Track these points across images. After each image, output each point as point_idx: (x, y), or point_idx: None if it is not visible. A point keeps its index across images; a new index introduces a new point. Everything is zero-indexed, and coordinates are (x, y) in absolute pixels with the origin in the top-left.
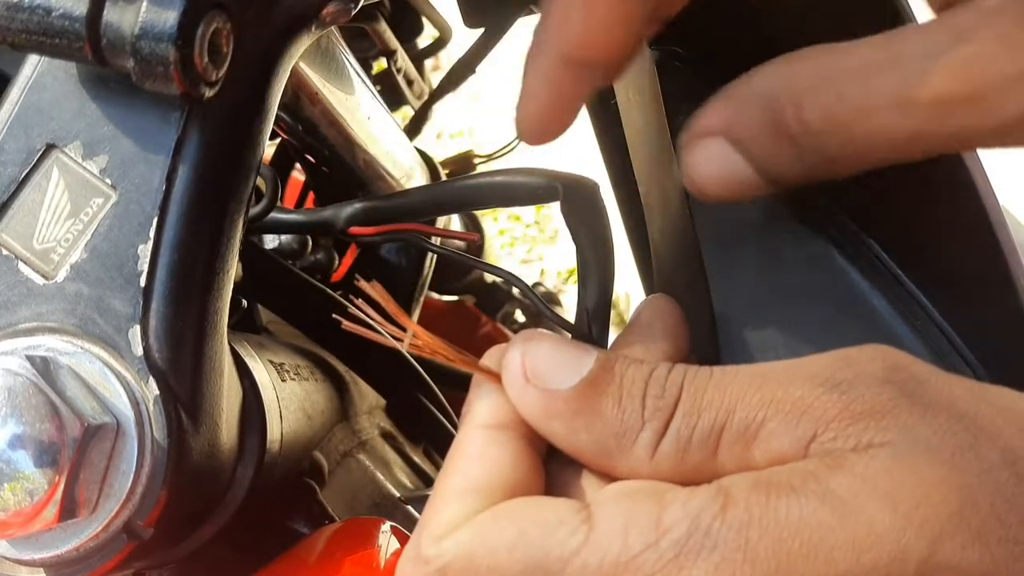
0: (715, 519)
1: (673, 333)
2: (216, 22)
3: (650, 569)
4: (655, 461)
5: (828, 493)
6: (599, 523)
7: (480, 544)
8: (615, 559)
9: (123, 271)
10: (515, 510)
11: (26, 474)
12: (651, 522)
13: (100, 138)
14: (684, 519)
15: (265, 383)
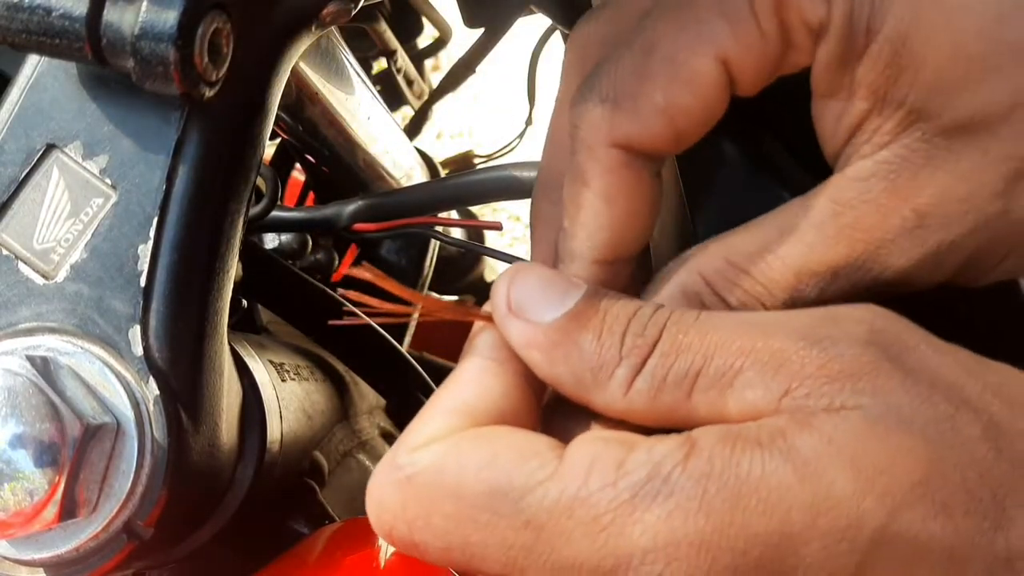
0: (676, 467)
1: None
2: (216, 22)
3: (603, 508)
4: (628, 398)
5: (792, 451)
6: (566, 460)
7: (452, 459)
8: (572, 495)
9: (123, 271)
10: (494, 435)
11: (26, 474)
12: (614, 464)
13: (100, 138)
14: (646, 464)
15: (265, 383)
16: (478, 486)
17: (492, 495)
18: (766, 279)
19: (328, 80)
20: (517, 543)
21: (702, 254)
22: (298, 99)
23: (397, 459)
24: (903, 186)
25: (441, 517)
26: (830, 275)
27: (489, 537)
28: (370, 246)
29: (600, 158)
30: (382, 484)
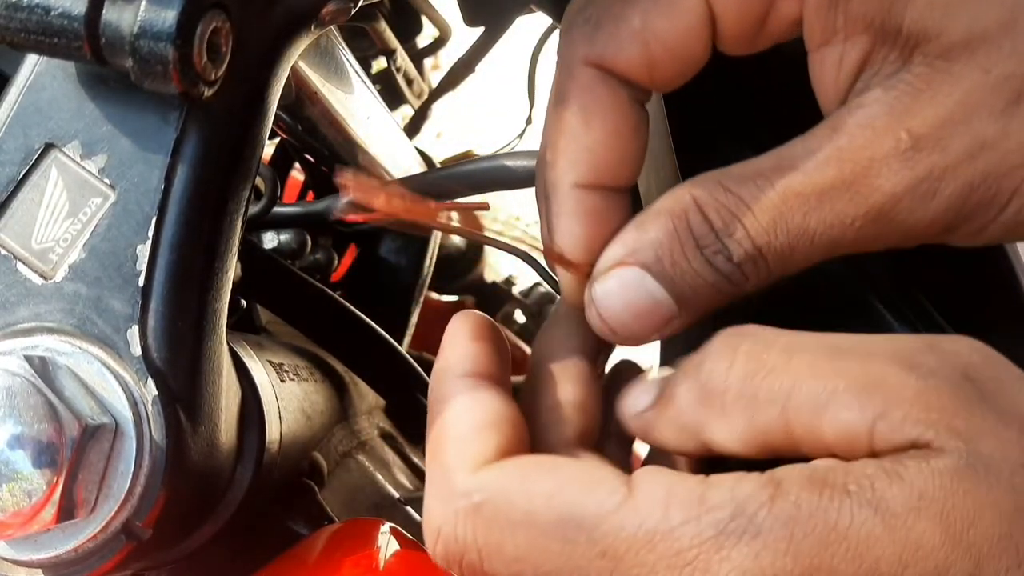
0: (762, 507)
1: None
2: (215, 21)
3: (687, 543)
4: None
5: (882, 504)
6: (639, 490)
7: (519, 486)
8: (653, 527)
9: (121, 271)
10: (556, 462)
11: (24, 474)
12: (694, 499)
13: (99, 137)
14: (730, 502)
15: (264, 383)
16: (550, 514)
17: (565, 523)
18: (751, 199)
19: (327, 79)
20: (592, 572)
21: (699, 177)
22: (297, 98)
23: (458, 485)
24: (901, 110)
25: (513, 546)
26: (815, 198)
27: (564, 566)
28: (369, 245)
29: (576, 76)
30: (446, 513)
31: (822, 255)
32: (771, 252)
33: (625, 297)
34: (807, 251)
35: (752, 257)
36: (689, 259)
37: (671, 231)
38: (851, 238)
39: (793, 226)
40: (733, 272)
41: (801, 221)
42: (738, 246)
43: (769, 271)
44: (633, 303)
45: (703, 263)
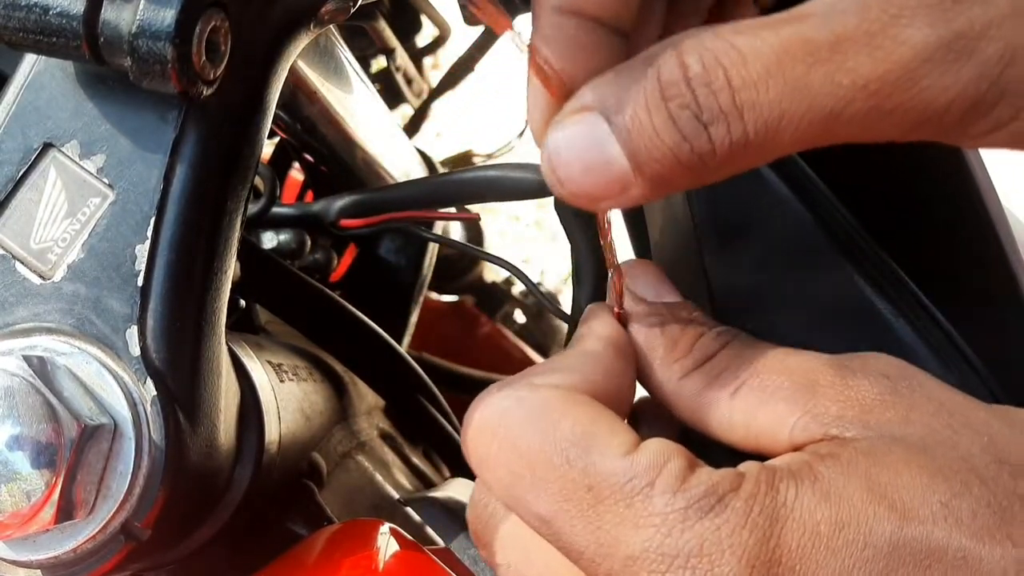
0: (729, 491)
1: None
2: (214, 20)
3: (659, 509)
4: (680, 383)
5: (818, 478)
6: (643, 453)
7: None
8: (636, 486)
9: (120, 271)
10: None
11: (23, 475)
12: (678, 475)
13: (97, 137)
14: (705, 483)
15: (263, 384)
16: (569, 435)
17: (574, 447)
18: (746, 45)
19: (327, 79)
20: (575, 497)
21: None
22: (296, 98)
23: (516, 384)
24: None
25: (527, 442)
26: (826, 48)
27: (555, 478)
28: (369, 245)
29: None
30: (495, 395)
31: (810, 134)
32: (753, 113)
33: (578, 147)
34: (797, 122)
35: (727, 115)
36: (651, 112)
37: (639, 78)
38: (855, 111)
39: (790, 80)
40: (697, 134)
41: (802, 74)
42: (712, 98)
43: (745, 141)
44: (585, 154)
45: (664, 119)
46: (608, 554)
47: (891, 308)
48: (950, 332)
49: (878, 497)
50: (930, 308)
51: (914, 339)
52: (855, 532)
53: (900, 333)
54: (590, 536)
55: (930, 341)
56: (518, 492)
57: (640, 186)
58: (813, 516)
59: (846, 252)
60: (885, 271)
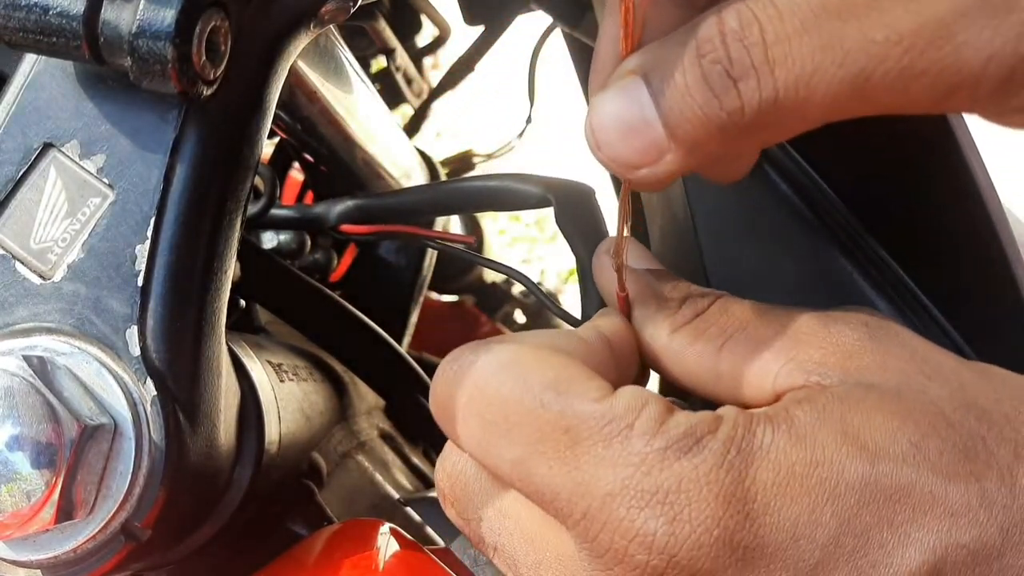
0: (707, 433)
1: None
2: (214, 20)
3: (638, 449)
4: (671, 336)
5: (794, 423)
6: (620, 396)
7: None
8: (615, 428)
9: (120, 271)
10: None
11: (23, 475)
12: (656, 418)
13: (97, 137)
14: (683, 425)
15: (263, 383)
16: (546, 378)
17: (549, 390)
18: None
19: (327, 79)
20: (551, 439)
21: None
22: (296, 98)
23: (486, 341)
24: None
25: (496, 390)
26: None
27: (530, 424)
28: (369, 245)
29: None
30: (464, 350)
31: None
32: (784, 69)
33: (618, 110)
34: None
35: (757, 70)
36: (686, 71)
37: (682, 42)
38: (887, 70)
39: (825, 34)
40: (726, 90)
41: (837, 29)
42: (744, 53)
43: (775, 99)
44: (623, 118)
45: (697, 77)
46: (585, 492)
47: (890, 307)
48: (948, 330)
49: (850, 439)
50: (929, 307)
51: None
52: (827, 471)
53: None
54: (566, 476)
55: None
56: (490, 439)
57: (675, 152)
58: (788, 457)
59: (846, 251)
60: (885, 271)
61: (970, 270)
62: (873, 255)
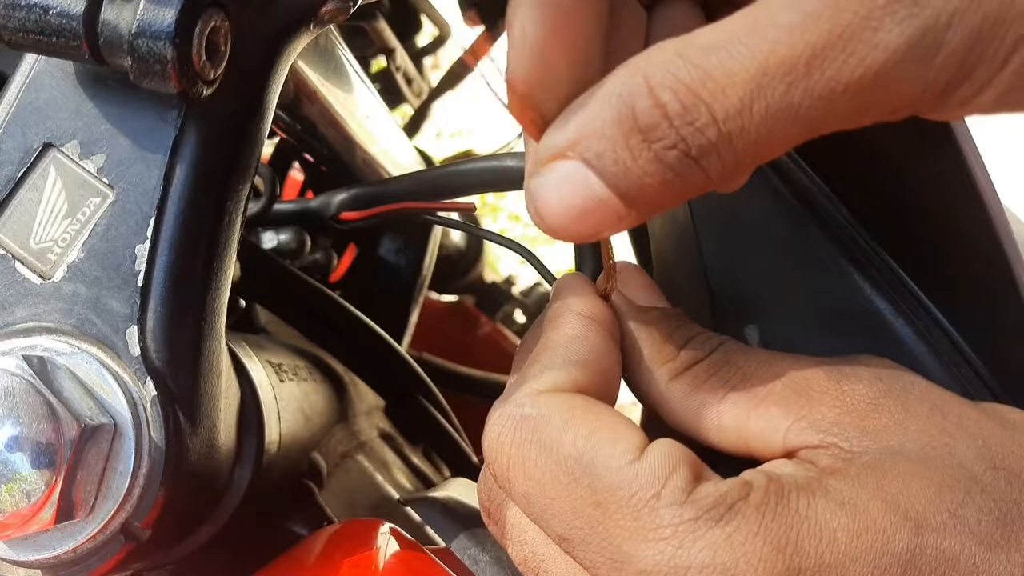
0: (739, 500)
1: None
2: (214, 20)
3: (668, 521)
4: (670, 385)
5: (830, 490)
6: (647, 460)
7: (561, 417)
8: (643, 499)
9: (120, 271)
10: (600, 410)
11: (23, 475)
12: (684, 486)
13: (97, 137)
14: (713, 494)
15: (263, 383)
16: (571, 450)
17: (578, 463)
18: (720, 72)
19: (326, 78)
20: (584, 515)
21: (657, 46)
22: (296, 98)
23: (518, 396)
24: None
25: (533, 465)
26: (803, 64)
27: (564, 498)
28: (370, 245)
29: None
30: (500, 415)
31: (803, 137)
32: (742, 139)
33: (564, 194)
34: (786, 133)
35: (717, 147)
36: (635, 155)
37: (616, 119)
38: (839, 110)
39: (773, 102)
40: (688, 170)
41: (783, 94)
42: (699, 135)
43: (737, 163)
44: (573, 201)
45: (651, 160)
46: (621, 570)
47: (890, 308)
48: (949, 331)
49: (892, 507)
50: (929, 308)
51: (913, 339)
52: (873, 540)
53: (900, 333)
54: (603, 553)
55: (930, 341)
56: (535, 511)
57: (634, 215)
58: (829, 524)
59: (845, 252)
60: (884, 271)
61: (969, 270)
62: (871, 254)
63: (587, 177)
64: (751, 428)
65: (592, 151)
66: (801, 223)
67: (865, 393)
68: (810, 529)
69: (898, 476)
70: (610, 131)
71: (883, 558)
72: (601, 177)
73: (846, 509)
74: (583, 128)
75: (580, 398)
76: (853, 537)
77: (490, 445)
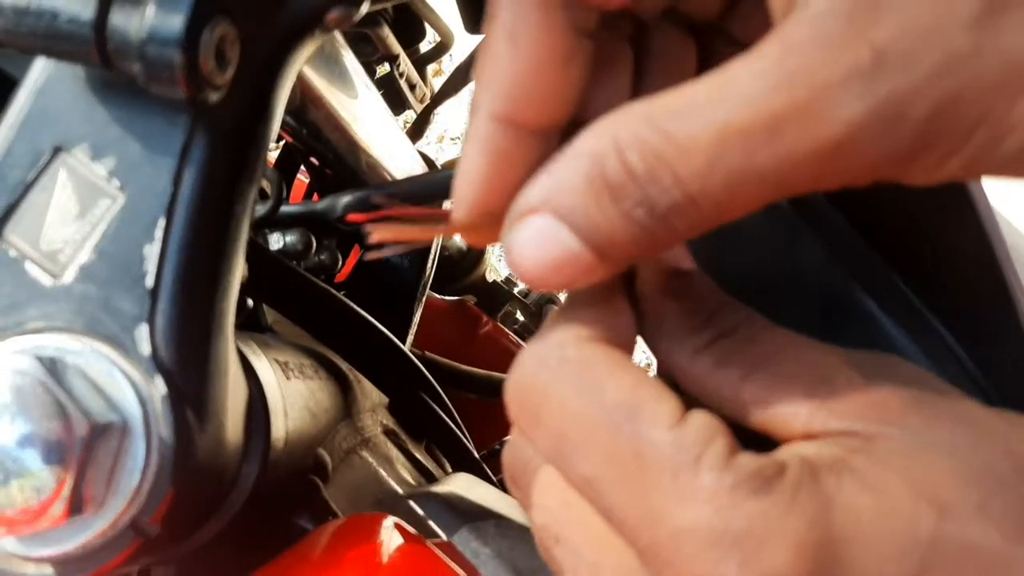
0: (774, 476)
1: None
2: (222, 27)
3: (707, 484)
4: (693, 360)
5: (856, 471)
6: (690, 425)
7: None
8: (686, 460)
9: (130, 272)
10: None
11: (34, 472)
12: (726, 453)
13: (107, 141)
14: (751, 465)
15: (270, 382)
16: (619, 397)
17: (621, 412)
18: (684, 135)
19: (332, 84)
20: (619, 462)
21: (625, 109)
22: (302, 103)
23: (558, 337)
24: (861, 17)
25: (572, 407)
26: (762, 133)
27: (603, 445)
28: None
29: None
30: (539, 352)
31: (767, 199)
32: (706, 199)
33: (539, 248)
34: (749, 195)
35: (682, 206)
36: (605, 212)
37: (586, 177)
38: (803, 177)
39: (734, 167)
40: (656, 226)
41: (744, 160)
42: (664, 194)
43: (703, 220)
44: (548, 255)
45: (620, 217)
46: (653, 523)
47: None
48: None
49: (917, 492)
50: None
51: (907, 342)
52: (898, 522)
53: (894, 336)
54: (635, 504)
55: (923, 344)
56: (563, 450)
57: (607, 268)
58: (857, 504)
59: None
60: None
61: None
62: (865, 258)
63: (559, 231)
64: (772, 410)
65: (564, 206)
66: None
67: (891, 394)
68: (840, 508)
69: (924, 464)
70: (581, 188)
71: (905, 541)
72: (574, 231)
73: (873, 490)
74: (556, 185)
75: (620, 352)
76: (879, 518)
77: (522, 383)
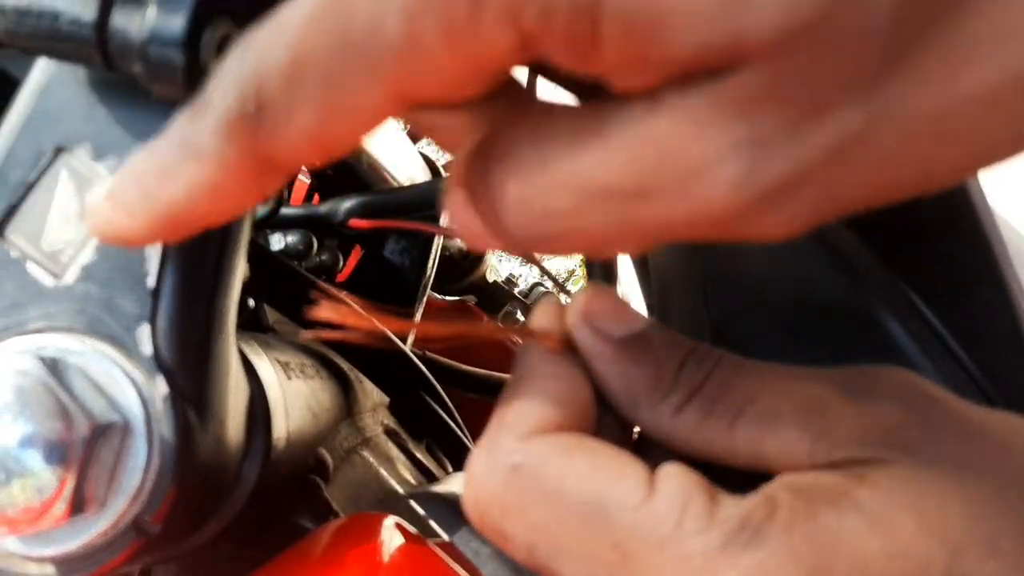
0: (764, 520)
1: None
2: (224, 28)
3: (697, 550)
4: (674, 421)
5: (859, 505)
6: (660, 492)
7: (558, 461)
8: (667, 533)
9: (132, 272)
10: (596, 447)
11: (36, 472)
12: (706, 511)
13: (109, 141)
14: (736, 516)
15: (271, 381)
16: (579, 494)
17: (588, 507)
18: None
19: None
20: (602, 560)
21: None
22: None
23: (503, 444)
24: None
25: (536, 514)
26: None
27: (577, 546)
28: (374, 247)
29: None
30: (486, 467)
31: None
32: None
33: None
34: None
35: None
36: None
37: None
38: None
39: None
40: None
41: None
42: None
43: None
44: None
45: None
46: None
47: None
48: (940, 332)
49: (927, 529)
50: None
51: (906, 339)
52: (908, 564)
53: (892, 333)
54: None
55: (921, 341)
56: (540, 560)
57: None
58: (861, 545)
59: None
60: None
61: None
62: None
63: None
64: (768, 452)
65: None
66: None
67: (887, 412)
68: (843, 551)
69: (933, 495)
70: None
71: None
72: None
73: (879, 528)
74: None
75: (569, 437)
76: (887, 560)
77: (478, 500)
